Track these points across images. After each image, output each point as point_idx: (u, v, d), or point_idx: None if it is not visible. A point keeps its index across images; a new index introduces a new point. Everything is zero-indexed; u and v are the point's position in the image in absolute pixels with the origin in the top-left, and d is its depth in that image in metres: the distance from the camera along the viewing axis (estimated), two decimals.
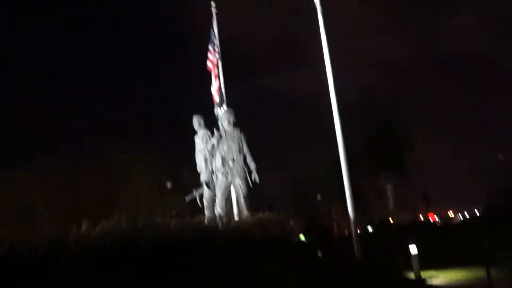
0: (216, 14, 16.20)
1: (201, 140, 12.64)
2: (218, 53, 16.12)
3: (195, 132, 13.00)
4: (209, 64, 16.05)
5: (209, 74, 15.99)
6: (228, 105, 15.65)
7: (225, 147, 11.69)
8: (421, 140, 37.93)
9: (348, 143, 13.40)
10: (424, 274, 14.77)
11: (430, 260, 16.00)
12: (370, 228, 39.65)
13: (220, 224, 8.38)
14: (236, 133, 11.83)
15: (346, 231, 31.51)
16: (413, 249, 14.90)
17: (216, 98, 15.92)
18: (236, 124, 12.02)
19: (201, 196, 12.22)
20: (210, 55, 16.00)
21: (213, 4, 16.17)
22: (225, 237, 7.77)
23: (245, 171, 11.47)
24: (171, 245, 6.84)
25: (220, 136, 11.94)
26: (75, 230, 6.64)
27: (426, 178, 41.11)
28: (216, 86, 15.88)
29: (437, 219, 44.93)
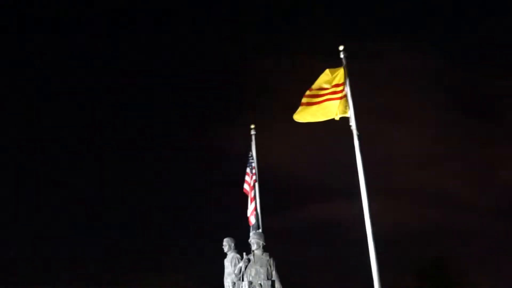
0: (255, 136, 16.36)
1: (230, 263, 12.35)
2: (256, 175, 16.04)
3: (225, 255, 12.72)
4: (246, 186, 15.98)
5: (245, 197, 15.87)
6: (263, 230, 15.29)
7: (253, 272, 11.23)
8: (476, 279, 35.52)
9: (396, 279, 12.43)
10: None
11: None
12: None
13: None
14: (265, 257, 11.38)
15: None
16: None
17: (252, 220, 15.64)
18: (266, 248, 11.60)
19: None
20: (247, 178, 15.97)
21: (252, 126, 16.41)
22: None
23: None
24: None
25: (249, 260, 11.49)
26: None
27: None
28: (252, 209, 15.67)
29: None
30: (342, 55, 12.78)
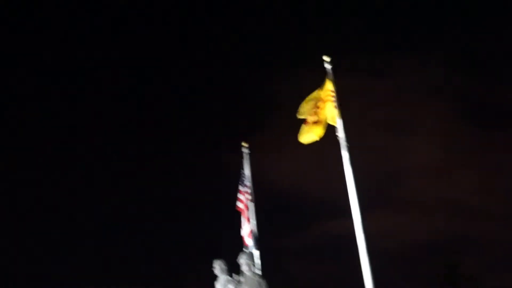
0: (249, 155, 15.95)
1: (222, 287, 11.83)
2: (251, 195, 15.57)
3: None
4: (239, 204, 15.54)
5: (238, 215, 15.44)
6: (260, 250, 14.79)
7: None
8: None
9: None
10: None
11: None
12: None
13: None
14: (256, 278, 10.87)
15: None
16: None
17: (248, 241, 15.16)
18: (256, 270, 11.11)
19: None
20: (240, 196, 15.53)
21: (244, 144, 16.02)
22: None
23: None
24: None
25: (239, 281, 11.01)
26: None
27: None
28: (248, 230, 15.19)
29: None
30: (327, 66, 12.47)
